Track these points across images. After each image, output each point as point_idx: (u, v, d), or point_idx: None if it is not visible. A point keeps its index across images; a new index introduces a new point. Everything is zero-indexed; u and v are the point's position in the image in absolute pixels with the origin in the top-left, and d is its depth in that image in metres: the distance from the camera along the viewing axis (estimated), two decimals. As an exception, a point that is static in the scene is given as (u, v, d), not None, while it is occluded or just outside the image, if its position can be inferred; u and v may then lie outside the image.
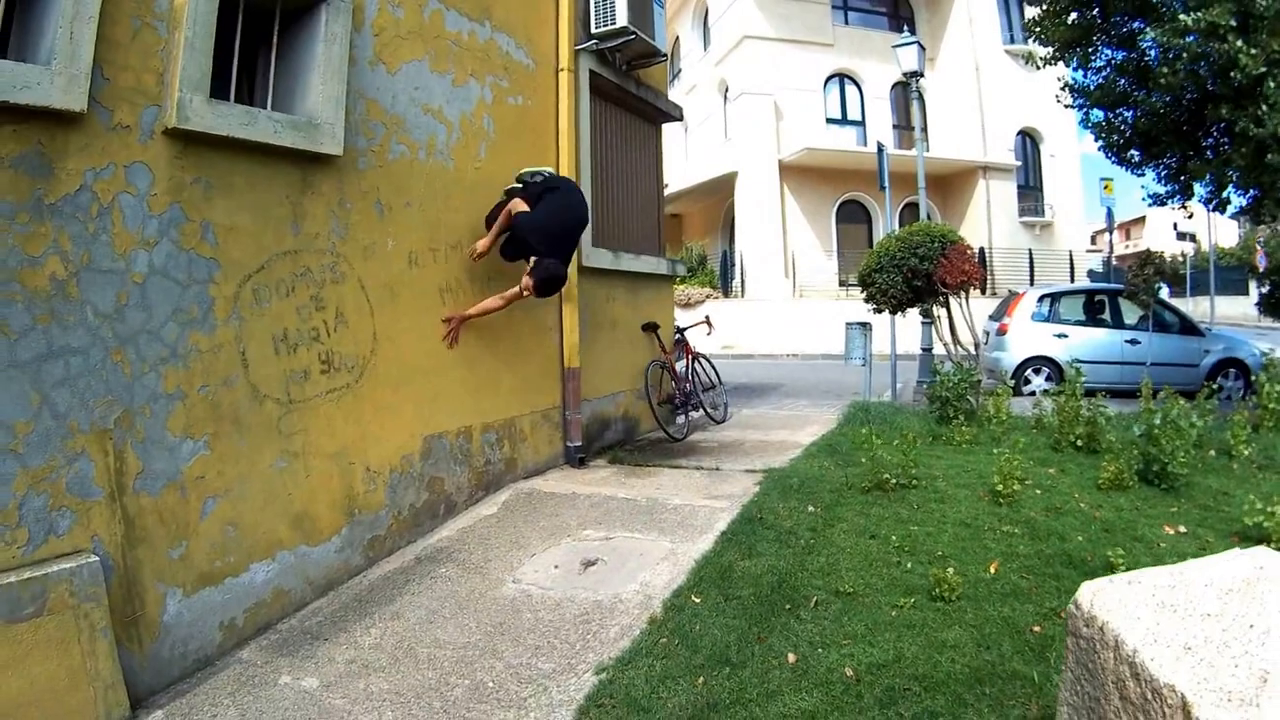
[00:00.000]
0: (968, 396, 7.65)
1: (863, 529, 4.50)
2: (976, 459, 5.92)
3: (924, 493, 5.12)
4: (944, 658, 3.09)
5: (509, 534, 4.60)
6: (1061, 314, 12.08)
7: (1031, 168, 26.88)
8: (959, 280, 8.28)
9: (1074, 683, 2.16)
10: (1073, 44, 11.02)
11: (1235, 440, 6.26)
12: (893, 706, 2.76)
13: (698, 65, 28.02)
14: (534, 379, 5.73)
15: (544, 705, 2.92)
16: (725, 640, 3.26)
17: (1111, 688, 2.01)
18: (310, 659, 3.32)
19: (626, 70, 7.16)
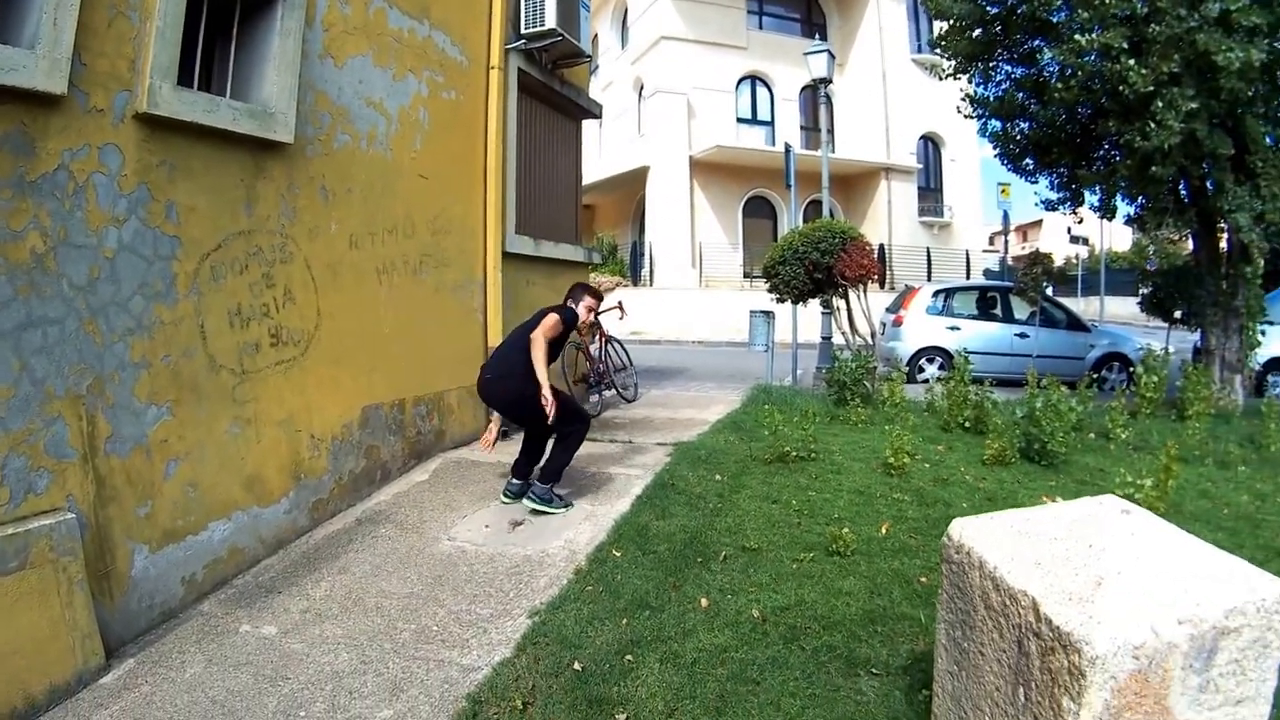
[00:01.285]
0: (864, 381, 8.18)
1: (766, 495, 4.94)
2: (871, 437, 6.44)
3: (822, 465, 5.61)
4: (840, 602, 3.51)
5: (441, 498, 4.92)
6: (955, 308, 12.72)
7: (933, 171, 28.08)
8: (858, 274, 8.78)
9: (949, 601, 2.50)
10: (975, 58, 11.51)
11: (1113, 424, 6.87)
12: (795, 641, 3.18)
13: (615, 63, 28.48)
14: (461, 356, 6.03)
15: (485, 644, 3.24)
16: (644, 588, 3.63)
17: (978, 599, 2.35)
18: (267, 609, 3.57)
19: (552, 69, 7.49)
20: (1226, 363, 10.25)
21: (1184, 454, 6.47)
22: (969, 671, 2.39)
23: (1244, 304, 10.16)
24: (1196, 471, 6.19)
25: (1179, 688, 2.01)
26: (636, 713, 2.76)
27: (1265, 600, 2.09)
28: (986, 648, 2.30)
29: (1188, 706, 2.03)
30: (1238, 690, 2.09)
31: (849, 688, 2.87)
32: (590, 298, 5.13)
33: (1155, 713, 1.99)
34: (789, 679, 2.94)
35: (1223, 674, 2.07)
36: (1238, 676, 2.08)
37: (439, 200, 5.75)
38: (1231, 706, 2.08)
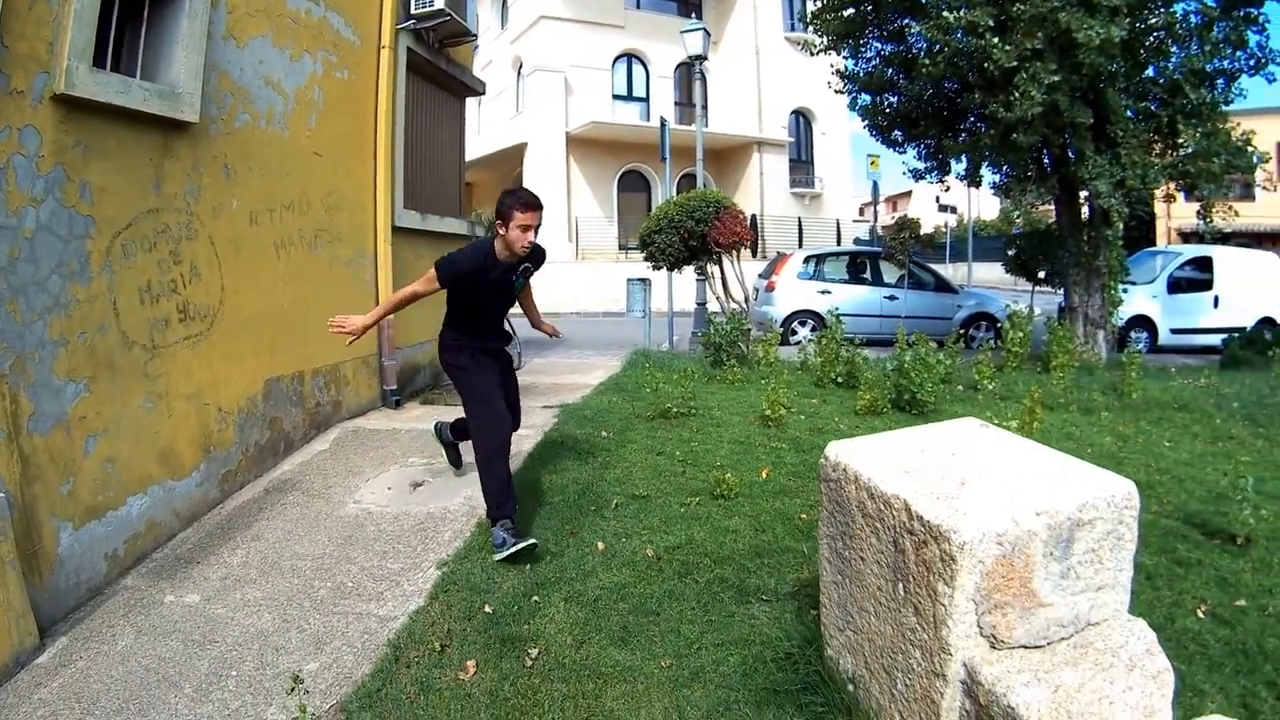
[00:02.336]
0: (739, 343, 8.62)
1: (651, 448, 5.32)
2: (747, 394, 6.87)
3: (702, 419, 6.02)
4: (728, 539, 3.88)
5: (344, 465, 5.12)
6: (826, 273, 13.27)
7: (804, 144, 28.99)
8: (731, 241, 9.19)
9: (829, 515, 2.70)
10: (846, 36, 11.94)
11: (981, 377, 7.48)
12: (689, 576, 3.53)
13: (495, 43, 28.27)
14: (356, 330, 6.21)
15: (399, 595, 3.49)
16: (543, 536, 3.91)
17: (855, 509, 2.52)
18: (188, 579, 3.72)
19: (439, 48, 7.62)
20: (1090, 319, 10.89)
21: (1049, 402, 7.00)
22: (852, 578, 2.58)
23: (1106, 264, 10.83)
24: (1061, 417, 6.72)
25: (1042, 573, 2.18)
26: (547, 647, 3.03)
27: (1115, 496, 2.28)
28: (866, 552, 2.48)
29: (1052, 590, 2.20)
30: (1097, 578, 2.28)
31: (742, 613, 3.21)
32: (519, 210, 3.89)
33: (1022, 594, 2.16)
34: (685, 609, 3.27)
35: (1082, 562, 2.25)
36: (1096, 565, 2.28)
37: (332, 176, 5.88)
38: (1093, 593, 2.27)
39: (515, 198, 3.95)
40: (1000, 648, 2.13)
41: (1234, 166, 10.65)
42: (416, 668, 2.93)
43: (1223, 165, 10.21)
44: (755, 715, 2.60)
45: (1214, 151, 10.01)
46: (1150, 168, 9.73)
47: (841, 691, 2.57)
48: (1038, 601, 2.17)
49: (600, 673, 2.87)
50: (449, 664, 2.95)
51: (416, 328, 7.29)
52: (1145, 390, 7.72)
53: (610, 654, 2.99)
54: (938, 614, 2.13)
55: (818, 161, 29.19)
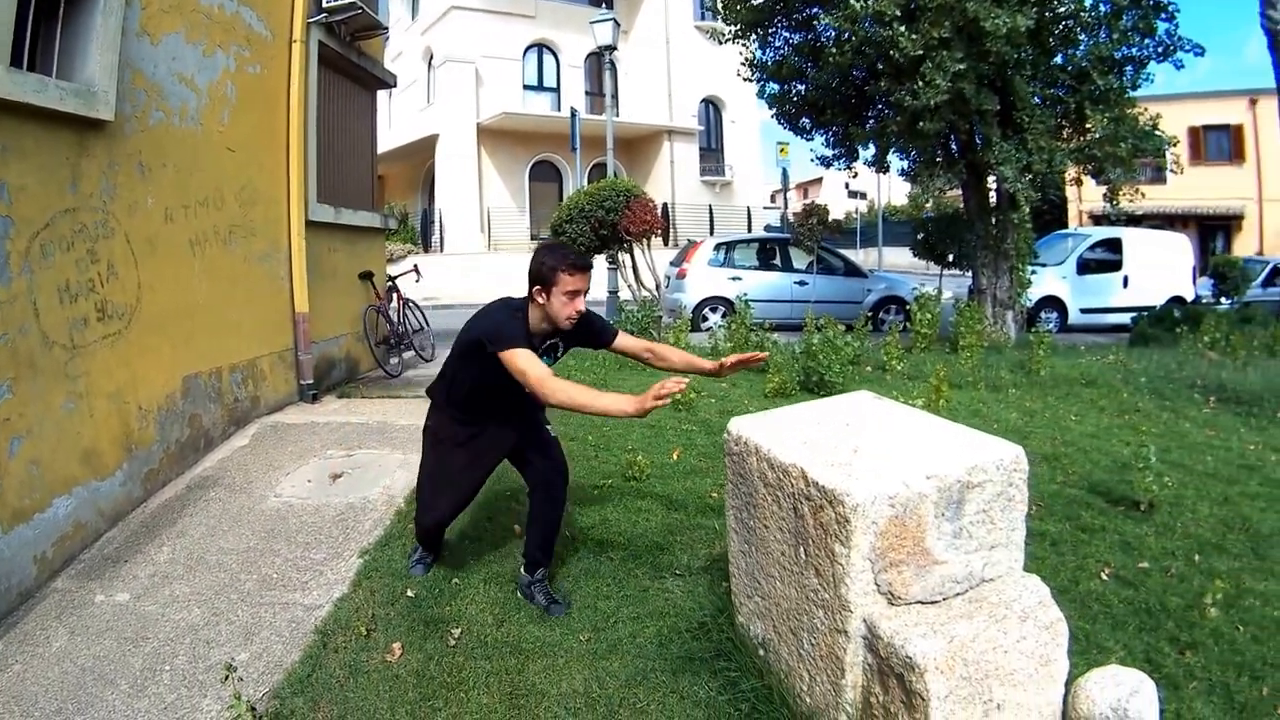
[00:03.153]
0: (650, 330, 8.82)
1: (564, 434, 5.30)
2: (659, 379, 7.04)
3: None
4: (641, 518, 4.08)
5: (264, 459, 5.16)
6: (736, 260, 13.52)
7: (714, 132, 29.52)
8: (641, 229, 9.36)
9: (733, 487, 2.79)
10: (755, 25, 12.15)
11: (889, 358, 7.75)
12: (604, 554, 3.72)
13: (405, 34, 28.07)
14: (271, 323, 6.23)
15: (323, 584, 3.60)
16: (461, 522, 4.02)
17: (757, 479, 2.61)
18: (117, 579, 3.74)
19: (350, 41, 7.64)
20: (998, 300, 11.25)
21: (957, 381, 7.29)
22: (757, 546, 2.67)
23: (1013, 247, 11.15)
24: (969, 395, 7.02)
25: (935, 533, 2.27)
26: (469, 626, 3.16)
27: (1004, 460, 2.38)
28: (769, 520, 2.57)
29: (945, 549, 2.30)
30: (990, 537, 2.38)
31: (657, 588, 3.40)
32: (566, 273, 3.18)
33: (916, 553, 2.25)
34: (602, 585, 3.45)
35: (973, 522, 2.35)
36: (988, 525, 2.38)
37: (245, 172, 5.88)
38: (986, 551, 2.38)
39: (561, 257, 3.18)
40: (898, 604, 2.24)
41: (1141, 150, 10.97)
42: (344, 652, 3.03)
43: (1130, 149, 10.54)
44: (671, 683, 2.75)
45: (1121, 136, 10.35)
46: (1057, 152, 10.07)
47: (753, 656, 2.72)
48: (932, 559, 2.28)
49: (522, 649, 3.00)
50: (375, 647, 3.05)
51: (331, 321, 7.32)
52: (1053, 368, 8.07)
53: (530, 630, 3.13)
54: (836, 574, 2.24)
55: (728, 149, 29.74)
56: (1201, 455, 5.52)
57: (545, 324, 3.26)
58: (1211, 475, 5.11)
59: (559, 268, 3.15)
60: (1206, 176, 28.67)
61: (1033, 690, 2.23)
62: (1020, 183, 10.01)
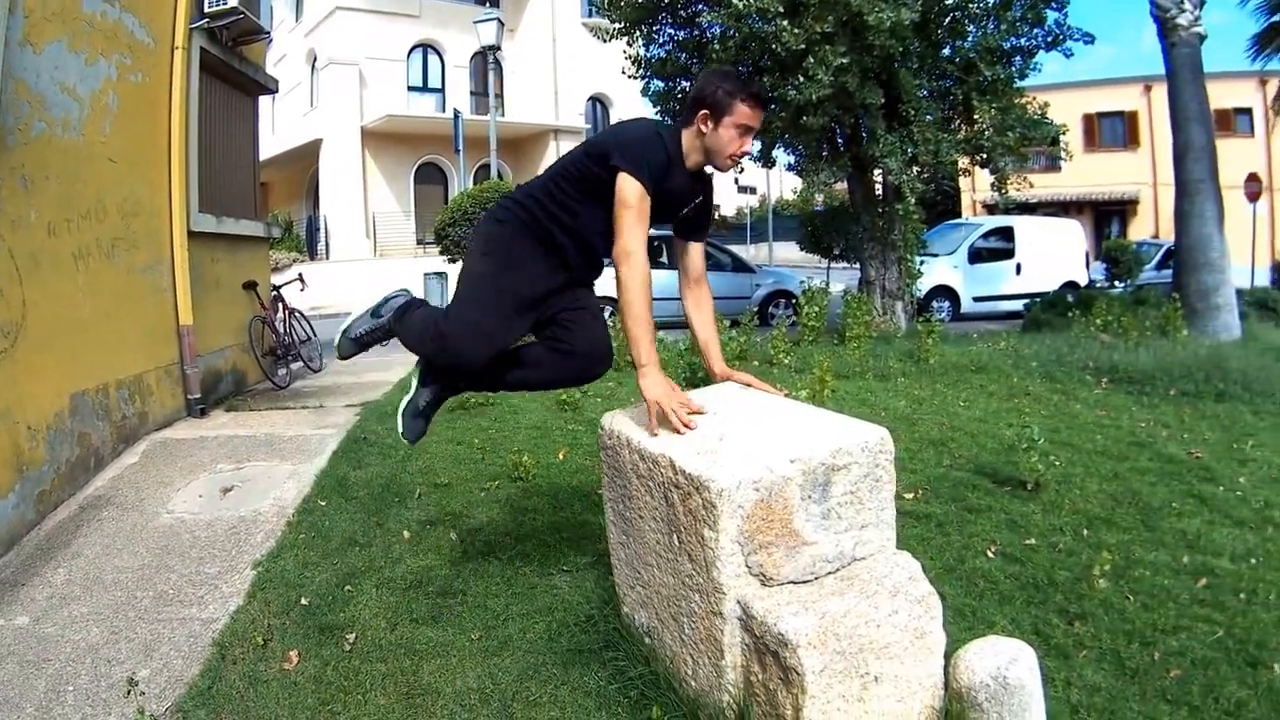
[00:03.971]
0: None
1: (451, 438, 5.58)
2: None
3: (500, 408, 6.30)
4: (528, 518, 4.17)
5: (154, 476, 5.13)
6: None
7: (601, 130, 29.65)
8: None
9: (609, 480, 2.86)
10: (639, 22, 12.10)
11: (776, 351, 7.86)
12: (492, 555, 3.79)
13: (289, 36, 27.33)
14: (156, 337, 6.14)
15: (219, 598, 3.62)
16: (351, 529, 4.11)
17: (630, 471, 2.67)
18: (15, 602, 3.68)
19: (232, 47, 7.54)
20: (887, 291, 11.43)
21: (845, 371, 7.41)
22: (634, 536, 2.73)
23: (900, 238, 11.30)
24: (857, 385, 7.07)
25: (802, 514, 2.32)
26: (364, 631, 3.21)
27: (869, 442, 2.43)
28: (644, 510, 2.62)
29: (814, 530, 2.35)
30: (859, 517, 2.44)
31: (545, 585, 3.48)
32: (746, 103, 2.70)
33: (784, 534, 2.29)
34: (491, 585, 3.52)
35: (841, 503, 2.39)
36: (856, 505, 2.43)
37: (128, 183, 5.80)
38: (857, 530, 2.43)
39: (741, 84, 2.72)
40: (771, 585, 2.29)
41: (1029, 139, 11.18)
42: (243, 663, 3.06)
43: (1018, 138, 10.72)
44: (563, 675, 2.82)
45: (1008, 126, 10.54)
46: (944, 144, 10.22)
47: (639, 644, 2.80)
48: (801, 540, 2.33)
49: (415, 650, 3.07)
50: (273, 656, 3.07)
51: (216, 333, 7.23)
52: (943, 355, 8.22)
53: (423, 632, 3.19)
54: (708, 558, 2.29)
55: None
56: (1091, 434, 5.67)
57: (698, 157, 2.82)
58: (1101, 453, 5.25)
59: (738, 95, 2.68)
60: (1102, 163, 29.84)
61: (910, 663, 2.30)
62: (905, 175, 10.20)
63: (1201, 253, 10.23)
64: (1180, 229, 10.60)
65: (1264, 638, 3.17)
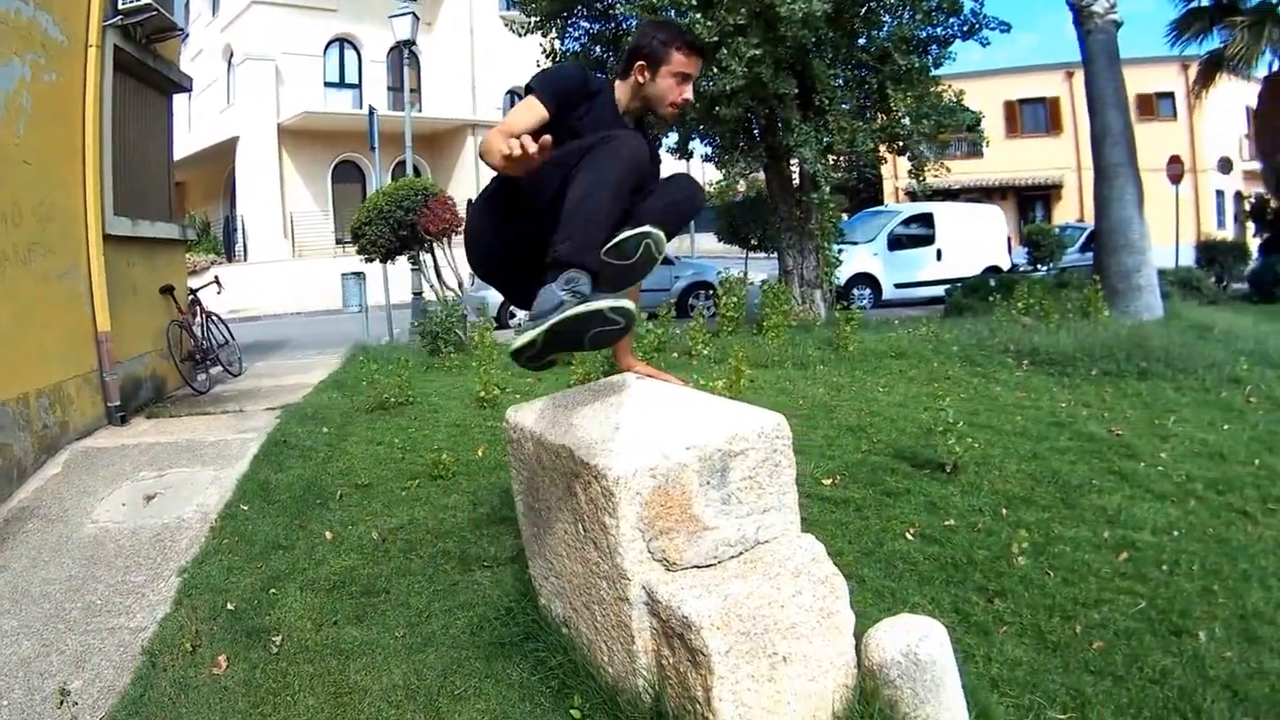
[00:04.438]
0: (455, 330, 8.84)
1: (371, 439, 5.61)
2: (466, 379, 7.12)
3: (420, 407, 6.35)
4: (448, 515, 4.21)
5: (77, 486, 5.07)
6: None
7: None
8: (440, 228, 9.45)
9: (516, 471, 2.92)
10: (554, 15, 12.04)
11: (694, 342, 7.92)
12: (413, 552, 3.84)
13: (205, 30, 26.57)
14: (75, 345, 6.06)
15: (146, 606, 3.61)
16: (274, 532, 4.10)
17: (534, 462, 2.73)
18: None
19: (146, 44, 7.40)
20: (805, 280, 11.47)
21: (764, 360, 7.46)
22: (544, 528, 2.79)
23: (818, 227, 11.30)
24: (776, 374, 7.11)
25: (701, 499, 2.38)
26: (290, 633, 3.22)
27: (766, 429, 2.49)
28: (550, 501, 2.68)
29: (715, 515, 2.40)
30: (760, 501, 2.49)
31: (466, 581, 3.53)
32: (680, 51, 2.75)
33: (685, 520, 2.35)
34: (413, 582, 3.56)
35: (741, 488, 2.45)
36: (757, 490, 2.48)
37: (42, 186, 5.72)
38: (759, 515, 2.48)
39: (675, 33, 2.77)
40: (675, 569, 2.35)
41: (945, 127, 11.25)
42: (173, 670, 3.06)
43: (933, 126, 10.83)
44: (486, 669, 2.87)
45: (923, 114, 10.64)
46: (859, 133, 10.28)
47: (557, 634, 2.85)
48: (702, 525, 2.39)
49: (341, 650, 3.09)
50: (202, 662, 3.09)
51: (135, 339, 7.09)
52: (862, 343, 8.21)
53: (349, 632, 3.22)
54: (611, 545, 2.35)
55: None
56: (1011, 416, 5.73)
57: (636, 104, 2.82)
58: (1021, 434, 5.32)
59: (674, 43, 2.72)
60: (1025, 149, 30.10)
61: (819, 642, 2.36)
62: (820, 164, 10.21)
63: (1122, 235, 10.33)
64: (1100, 212, 10.73)
65: (1187, 607, 3.31)
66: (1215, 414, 5.99)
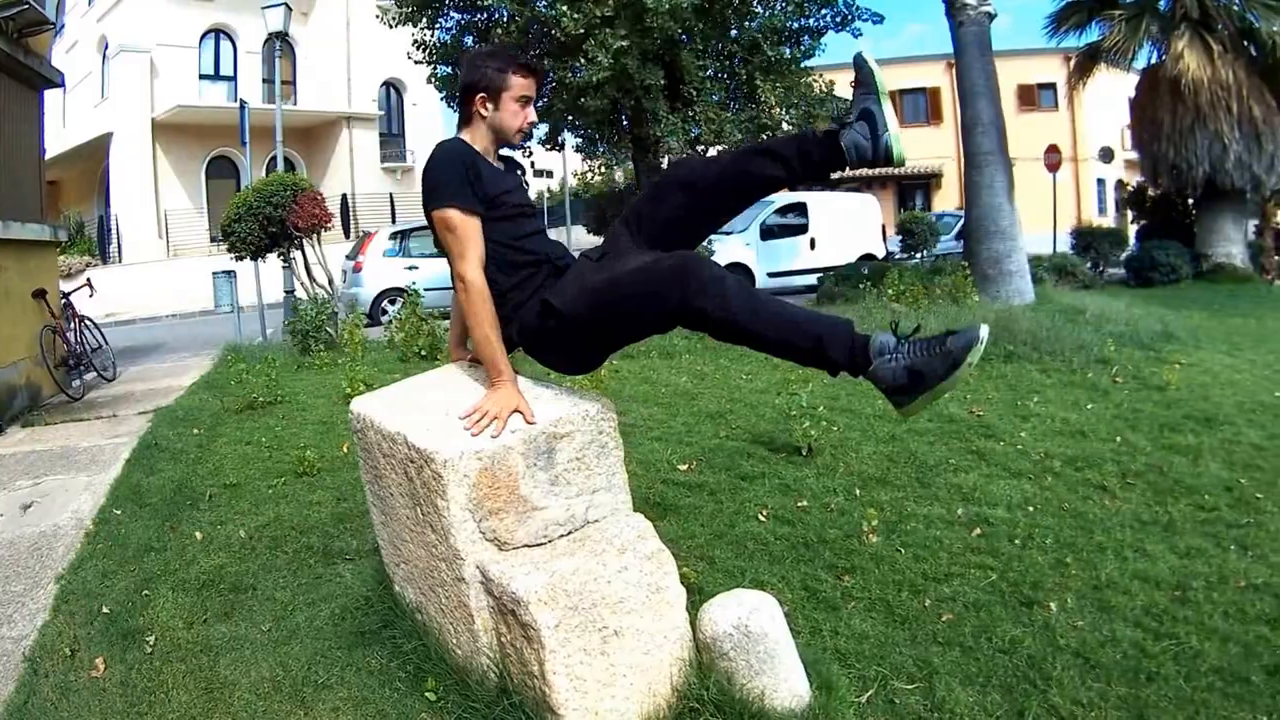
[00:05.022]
0: (326, 328, 8.88)
1: (240, 439, 5.68)
2: (335, 377, 7.16)
3: (289, 406, 6.44)
4: (312, 511, 4.30)
5: (-51, 498, 4.99)
6: (412, 249, 13.29)
7: (395, 117, 28.65)
8: (310, 224, 9.38)
9: (364, 462, 2.96)
10: (425, 6, 12.07)
11: None
12: (279, 548, 3.92)
13: (80, 21, 25.19)
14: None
15: (26, 615, 3.61)
16: (147, 535, 4.11)
17: (376, 449, 2.77)
18: None
19: (17, 39, 7.22)
20: None
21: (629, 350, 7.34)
22: (389, 514, 2.84)
23: None
24: (641, 364, 7.26)
25: (529, 481, 2.43)
26: (163, 633, 3.26)
27: (591, 411, 2.55)
28: (393, 488, 2.72)
29: (543, 495, 2.47)
30: (589, 482, 2.56)
31: (329, 574, 3.63)
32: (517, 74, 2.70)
33: (513, 501, 2.42)
34: (279, 577, 3.66)
35: (568, 469, 2.51)
36: (585, 471, 2.54)
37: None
38: (588, 495, 2.56)
39: (507, 57, 2.70)
40: (507, 549, 2.43)
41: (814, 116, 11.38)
42: (54, 675, 3.06)
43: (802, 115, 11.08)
44: (347, 657, 2.96)
45: (792, 103, 10.94)
46: (727, 123, 10.51)
47: (410, 620, 2.94)
48: (531, 506, 2.45)
49: (212, 646, 3.15)
50: (81, 666, 3.11)
51: (8, 346, 6.98)
52: None
53: (218, 629, 3.28)
54: (444, 526, 2.42)
55: (409, 134, 28.94)
56: (872, 400, 5.69)
57: (488, 144, 2.75)
58: (881, 417, 5.40)
59: (508, 69, 2.66)
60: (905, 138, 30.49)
61: (649, 617, 2.43)
62: (686, 154, 10.29)
63: (992, 221, 10.51)
64: (970, 199, 10.90)
65: (1039, 579, 3.44)
66: (1080, 394, 6.26)
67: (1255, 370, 7.50)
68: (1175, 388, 6.44)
